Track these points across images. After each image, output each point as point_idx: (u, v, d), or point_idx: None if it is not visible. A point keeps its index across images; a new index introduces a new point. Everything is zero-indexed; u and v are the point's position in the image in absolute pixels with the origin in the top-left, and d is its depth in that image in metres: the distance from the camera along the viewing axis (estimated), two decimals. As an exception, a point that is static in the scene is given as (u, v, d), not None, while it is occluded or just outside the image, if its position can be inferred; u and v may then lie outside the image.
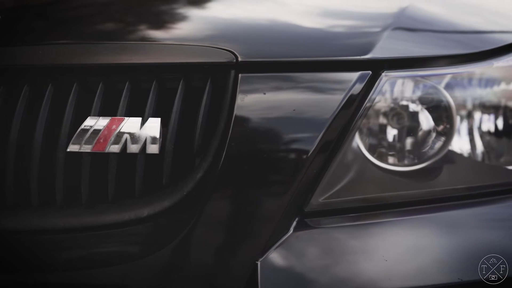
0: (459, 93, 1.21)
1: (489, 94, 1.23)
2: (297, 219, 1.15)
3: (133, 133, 1.16)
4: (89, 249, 1.18)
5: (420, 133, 1.19)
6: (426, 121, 1.19)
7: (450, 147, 1.20)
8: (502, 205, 1.21)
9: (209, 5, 1.51)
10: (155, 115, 1.18)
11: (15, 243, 1.19)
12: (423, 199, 1.20)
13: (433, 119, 1.19)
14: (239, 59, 1.17)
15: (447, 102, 1.19)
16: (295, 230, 1.14)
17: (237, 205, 1.15)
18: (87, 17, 1.46)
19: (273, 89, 1.16)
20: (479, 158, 1.23)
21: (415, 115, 1.19)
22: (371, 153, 1.19)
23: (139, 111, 1.19)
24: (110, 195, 1.18)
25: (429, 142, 1.19)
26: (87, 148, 1.17)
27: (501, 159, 1.24)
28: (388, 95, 1.19)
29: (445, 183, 1.21)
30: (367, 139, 1.19)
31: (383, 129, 1.19)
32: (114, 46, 1.27)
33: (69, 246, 1.19)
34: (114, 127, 1.16)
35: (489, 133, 1.23)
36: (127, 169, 1.18)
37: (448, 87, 1.20)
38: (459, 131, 1.21)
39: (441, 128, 1.20)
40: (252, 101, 1.15)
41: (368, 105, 1.16)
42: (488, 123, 1.23)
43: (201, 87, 1.19)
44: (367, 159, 1.18)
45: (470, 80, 1.22)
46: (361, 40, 1.24)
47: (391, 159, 1.19)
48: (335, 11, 1.41)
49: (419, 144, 1.19)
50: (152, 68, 1.21)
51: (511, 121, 1.23)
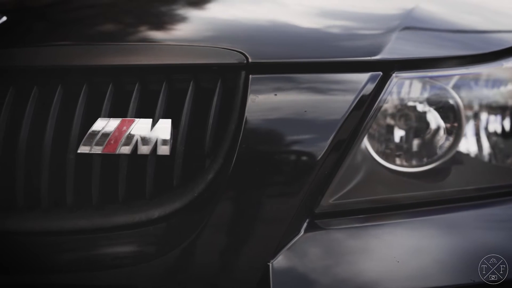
0: (469, 94, 1.21)
1: (498, 95, 1.23)
2: (307, 221, 1.15)
3: (143, 134, 1.16)
4: (100, 250, 1.18)
5: (429, 134, 1.19)
6: (435, 122, 1.19)
7: (458, 148, 1.20)
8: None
9: (217, 6, 1.51)
10: (165, 117, 1.18)
11: (25, 245, 1.19)
12: (432, 200, 1.20)
13: (443, 120, 1.19)
14: (250, 60, 1.17)
15: (457, 103, 1.19)
16: (306, 231, 1.14)
17: (249, 207, 1.15)
18: (96, 19, 1.45)
19: (284, 90, 1.16)
20: (488, 159, 1.23)
21: (424, 116, 1.20)
22: (381, 154, 1.19)
23: (149, 112, 1.19)
24: (120, 196, 1.18)
25: (438, 143, 1.19)
26: (97, 149, 1.17)
27: (509, 160, 1.24)
28: (398, 96, 1.19)
29: (453, 184, 1.22)
30: (377, 140, 1.19)
31: (393, 130, 1.19)
32: (123, 47, 1.27)
33: (80, 247, 1.18)
34: (124, 128, 1.16)
35: (497, 134, 1.23)
36: (137, 171, 1.18)
37: (457, 88, 1.20)
38: (468, 132, 1.21)
39: (450, 129, 1.20)
40: (263, 102, 1.15)
41: (379, 106, 1.16)
42: (497, 124, 1.23)
43: (211, 88, 1.19)
44: (376, 160, 1.18)
45: (479, 81, 1.22)
46: (371, 41, 1.24)
47: (400, 160, 1.19)
48: (343, 13, 1.41)
49: (428, 145, 1.19)
50: (162, 69, 1.21)
51: None
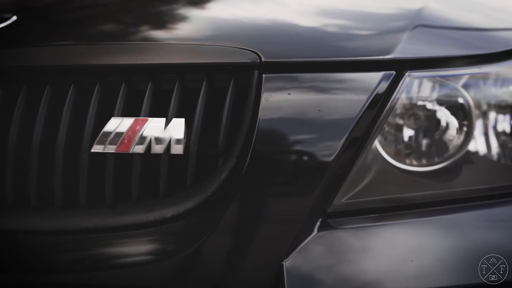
0: (480, 93, 1.21)
1: (508, 94, 1.23)
2: (320, 220, 1.15)
3: (157, 133, 1.16)
4: (113, 249, 1.18)
5: (440, 133, 1.19)
6: (446, 121, 1.19)
7: (469, 147, 1.20)
8: None
9: (226, 6, 1.51)
10: (177, 116, 1.18)
11: (39, 244, 1.19)
12: (444, 199, 1.20)
13: (453, 119, 1.20)
14: (263, 59, 1.17)
15: (468, 102, 1.20)
16: (319, 230, 1.14)
17: (263, 206, 1.15)
18: (108, 18, 1.45)
19: (297, 90, 1.16)
20: (498, 158, 1.23)
21: (436, 115, 1.20)
22: (392, 153, 1.19)
23: (161, 111, 1.19)
24: (133, 195, 1.18)
25: (449, 142, 1.19)
26: (111, 148, 1.17)
27: None
28: (410, 95, 1.19)
29: (464, 183, 1.22)
30: (388, 140, 1.19)
31: (405, 129, 1.19)
32: (137, 46, 1.27)
33: (93, 246, 1.18)
34: (138, 127, 1.16)
35: (508, 133, 1.23)
36: (150, 170, 1.18)
37: (469, 87, 1.20)
38: (478, 132, 1.21)
39: (460, 128, 1.20)
40: (277, 102, 1.15)
41: (392, 105, 1.16)
42: (507, 123, 1.23)
43: (224, 87, 1.19)
44: (388, 160, 1.18)
45: (490, 80, 1.22)
46: (383, 40, 1.24)
47: (411, 159, 1.19)
48: (354, 12, 1.41)
49: (439, 144, 1.19)
50: (174, 68, 1.21)
51: None
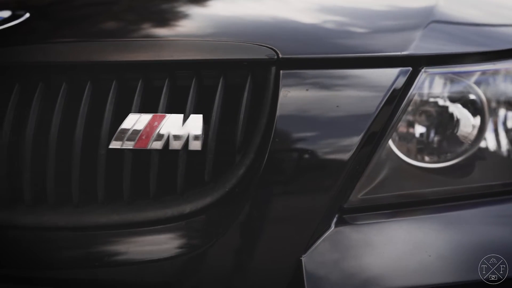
0: (492, 90, 1.22)
1: None
2: (337, 215, 1.16)
3: (175, 129, 1.16)
4: (131, 246, 1.18)
5: (454, 129, 1.20)
6: (461, 117, 1.20)
7: (482, 144, 1.20)
8: None
9: (243, 2, 1.51)
10: (195, 112, 1.18)
11: (56, 240, 1.19)
12: (458, 195, 1.21)
13: (467, 116, 1.20)
14: (280, 55, 1.17)
15: (481, 98, 1.20)
16: (336, 226, 1.15)
17: (281, 202, 1.15)
18: (123, 15, 1.45)
19: (315, 86, 1.16)
20: (510, 154, 1.23)
21: (450, 111, 1.20)
22: (407, 149, 1.19)
23: (178, 108, 1.19)
24: (151, 191, 1.18)
25: (463, 138, 1.20)
26: (129, 144, 1.17)
27: None
28: (426, 91, 1.19)
29: (478, 179, 1.22)
30: (404, 136, 1.19)
31: (420, 125, 1.20)
32: (153, 43, 1.27)
33: (111, 242, 1.19)
34: (156, 123, 1.16)
35: None
36: (168, 166, 1.18)
37: (481, 83, 1.21)
38: (492, 127, 1.21)
39: (474, 124, 1.20)
40: (294, 98, 1.15)
41: (408, 101, 1.17)
42: None
43: (240, 83, 1.19)
44: (403, 155, 1.19)
45: (505, 76, 1.23)
46: (398, 37, 1.25)
47: (425, 155, 1.20)
48: (367, 9, 1.41)
49: (454, 140, 1.20)
50: (192, 65, 1.21)
51: None
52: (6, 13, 1.41)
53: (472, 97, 1.21)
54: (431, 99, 1.20)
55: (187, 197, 1.17)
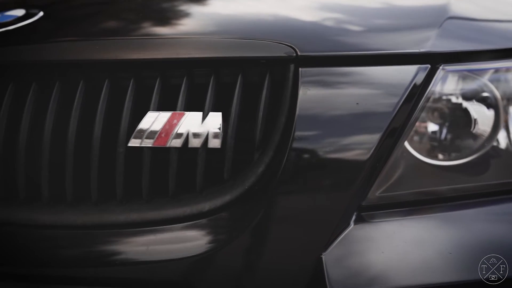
0: (507, 87, 1.22)
1: None
2: (355, 213, 1.16)
3: (194, 127, 1.16)
4: (150, 243, 1.17)
5: (471, 126, 1.20)
6: (477, 115, 1.20)
7: (497, 141, 1.20)
8: None
9: (255, 1, 1.51)
10: (213, 110, 1.18)
11: (75, 238, 1.19)
12: (474, 193, 1.21)
13: (483, 112, 1.20)
14: (299, 53, 1.17)
15: (496, 95, 1.20)
16: (355, 223, 1.15)
17: (301, 200, 1.15)
18: (139, 14, 1.45)
19: (334, 83, 1.17)
20: None
21: (466, 109, 1.20)
22: (424, 146, 1.19)
23: (196, 106, 1.19)
24: (170, 189, 1.18)
25: (479, 135, 1.20)
26: (148, 142, 1.17)
27: None
28: (443, 89, 1.19)
29: (494, 176, 1.22)
30: (421, 133, 1.19)
31: (437, 123, 1.20)
32: (171, 41, 1.27)
33: (130, 240, 1.18)
34: (175, 121, 1.16)
35: None
36: (187, 164, 1.18)
37: (496, 80, 1.21)
38: (507, 125, 1.22)
39: (489, 121, 1.20)
40: (314, 95, 1.15)
41: (426, 98, 1.17)
42: None
43: (259, 81, 1.19)
44: (420, 153, 1.19)
45: None
46: (415, 34, 1.25)
47: (441, 153, 1.20)
48: (383, 8, 1.42)
49: (470, 137, 1.20)
50: (210, 62, 1.21)
51: None
52: (20, 12, 1.41)
53: (486, 94, 1.21)
54: (448, 97, 1.20)
55: (206, 195, 1.17)
